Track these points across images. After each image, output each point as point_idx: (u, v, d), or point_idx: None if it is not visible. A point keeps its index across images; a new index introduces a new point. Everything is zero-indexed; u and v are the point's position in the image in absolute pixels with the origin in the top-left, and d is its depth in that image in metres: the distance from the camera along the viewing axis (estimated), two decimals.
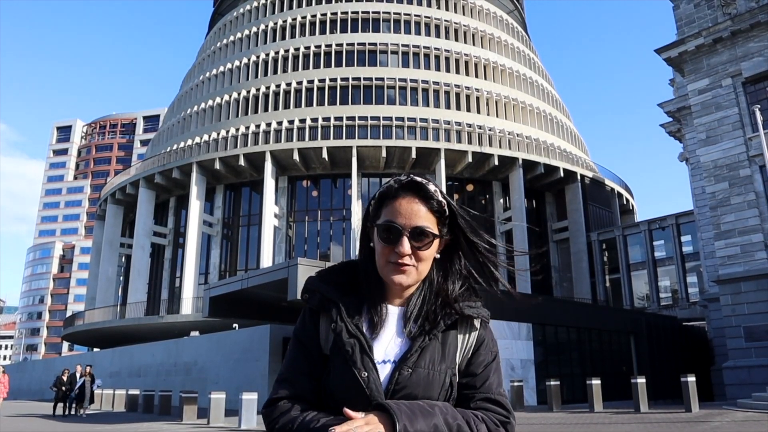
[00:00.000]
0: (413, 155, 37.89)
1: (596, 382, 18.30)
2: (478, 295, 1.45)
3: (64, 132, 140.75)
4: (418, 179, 1.41)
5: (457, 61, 44.13)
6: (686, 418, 14.58)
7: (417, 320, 1.39)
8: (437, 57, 43.99)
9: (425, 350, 1.34)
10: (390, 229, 1.35)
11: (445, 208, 1.40)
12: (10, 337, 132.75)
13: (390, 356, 1.35)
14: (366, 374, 1.29)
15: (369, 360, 1.31)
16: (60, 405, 22.02)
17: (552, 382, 19.69)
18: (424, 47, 43.98)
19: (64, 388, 21.77)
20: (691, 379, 16.46)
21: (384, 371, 1.32)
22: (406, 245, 1.34)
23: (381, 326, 1.37)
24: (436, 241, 1.39)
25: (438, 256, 1.43)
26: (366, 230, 1.44)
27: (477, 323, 1.43)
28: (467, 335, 1.42)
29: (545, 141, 42.94)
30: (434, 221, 1.39)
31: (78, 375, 21.98)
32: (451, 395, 1.36)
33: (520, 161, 39.39)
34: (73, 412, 21.83)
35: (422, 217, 1.37)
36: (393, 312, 1.41)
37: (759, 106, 21.25)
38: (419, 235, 1.35)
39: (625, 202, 48.87)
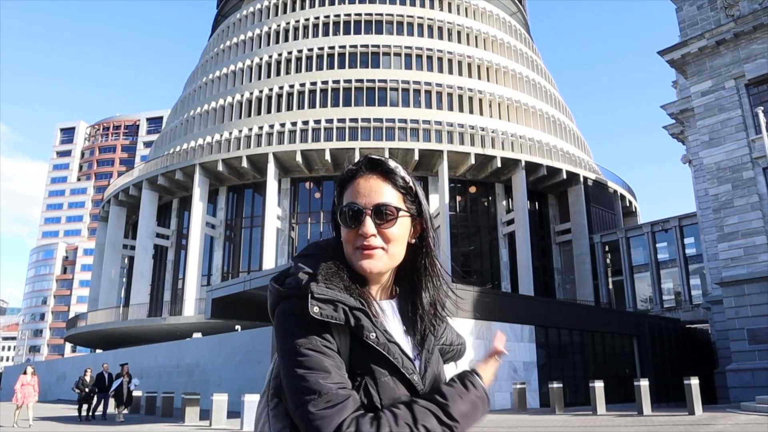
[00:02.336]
0: (416, 157, 37.89)
1: (599, 384, 18.24)
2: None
3: (68, 133, 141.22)
4: (376, 156, 1.32)
5: (459, 62, 44.13)
6: (689, 421, 14.54)
7: (413, 313, 1.31)
8: (440, 59, 44.00)
9: (432, 350, 1.33)
10: (351, 212, 1.25)
11: (412, 185, 1.31)
12: (13, 339, 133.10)
13: (410, 353, 1.28)
14: (416, 377, 1.22)
15: (410, 363, 1.23)
16: (84, 406, 20.70)
17: (554, 385, 19.63)
18: (427, 49, 43.99)
19: (87, 390, 20.70)
20: (695, 381, 16.40)
21: None
22: (368, 225, 1.23)
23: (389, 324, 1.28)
24: (406, 220, 1.29)
25: (414, 241, 1.32)
26: (337, 225, 1.32)
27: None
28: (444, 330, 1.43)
29: (548, 143, 42.89)
30: (400, 197, 1.29)
31: (105, 374, 21.05)
32: None
33: (523, 163, 39.35)
34: (116, 411, 20.52)
35: (384, 193, 1.27)
36: (387, 307, 1.31)
37: (762, 108, 21.17)
38: (381, 212, 1.24)
39: (627, 204, 48.80)
